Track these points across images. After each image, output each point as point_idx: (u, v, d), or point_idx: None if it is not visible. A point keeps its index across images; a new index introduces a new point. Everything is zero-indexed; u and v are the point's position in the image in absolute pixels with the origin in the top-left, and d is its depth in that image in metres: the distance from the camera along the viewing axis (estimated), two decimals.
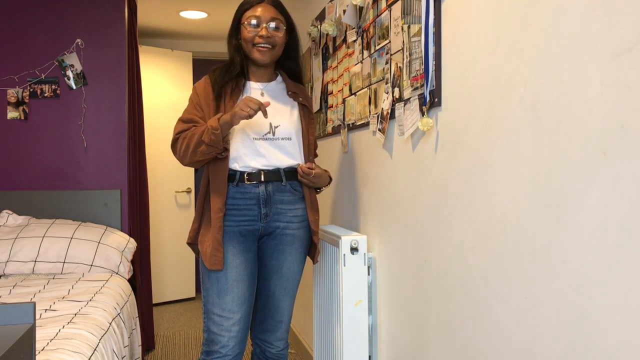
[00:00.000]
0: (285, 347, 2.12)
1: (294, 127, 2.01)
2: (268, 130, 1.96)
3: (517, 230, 1.22)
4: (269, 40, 1.97)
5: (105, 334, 1.96)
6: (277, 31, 1.98)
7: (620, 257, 0.93)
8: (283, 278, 2.02)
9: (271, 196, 1.96)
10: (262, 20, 1.97)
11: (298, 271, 2.05)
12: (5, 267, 2.75)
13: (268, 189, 1.96)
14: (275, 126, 1.97)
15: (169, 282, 4.94)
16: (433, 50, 1.57)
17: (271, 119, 1.97)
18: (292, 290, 2.05)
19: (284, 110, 2.02)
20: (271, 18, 1.98)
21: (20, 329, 0.85)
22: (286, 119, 2.00)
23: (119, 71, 3.31)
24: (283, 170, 1.98)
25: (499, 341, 1.29)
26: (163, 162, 4.89)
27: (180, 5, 4.21)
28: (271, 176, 1.96)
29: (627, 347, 0.92)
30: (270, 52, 1.98)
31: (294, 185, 2.01)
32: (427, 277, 1.67)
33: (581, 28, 1.02)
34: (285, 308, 2.06)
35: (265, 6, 2.00)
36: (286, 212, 1.99)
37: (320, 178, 2.02)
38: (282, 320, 2.06)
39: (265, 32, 1.96)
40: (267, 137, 1.96)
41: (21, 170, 3.23)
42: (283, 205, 1.99)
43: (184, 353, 3.54)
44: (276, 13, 2.01)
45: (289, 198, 2.00)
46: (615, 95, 0.94)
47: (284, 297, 2.04)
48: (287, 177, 1.99)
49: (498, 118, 1.29)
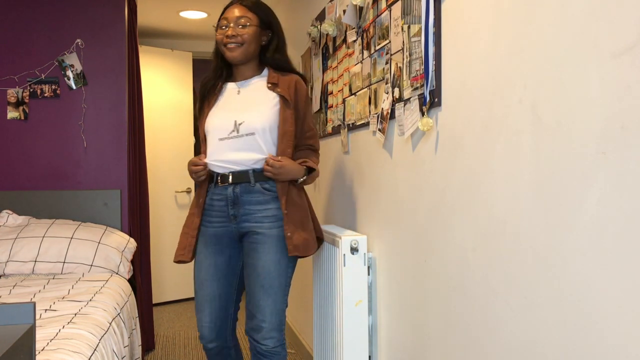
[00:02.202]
0: (277, 345, 2.07)
1: (262, 121, 2.00)
2: (232, 129, 2.02)
3: (517, 230, 1.22)
4: (236, 39, 2.04)
5: (105, 334, 1.96)
6: (244, 28, 2.05)
7: (620, 257, 0.93)
8: (260, 277, 2.01)
9: (239, 197, 2.01)
10: (229, 20, 2.06)
11: (275, 270, 2.01)
12: (5, 267, 2.75)
13: (236, 191, 2.02)
14: (239, 123, 2.01)
15: (169, 282, 4.94)
16: (433, 50, 1.57)
17: (236, 117, 2.02)
18: (271, 289, 2.01)
19: (254, 105, 2.05)
20: (237, 17, 2.06)
21: (20, 329, 0.85)
22: (252, 114, 2.02)
23: (119, 71, 3.31)
24: (252, 170, 2.01)
25: (499, 341, 1.29)
26: (163, 162, 4.89)
27: (180, 5, 4.21)
28: (240, 177, 2.01)
29: (627, 347, 0.92)
30: (238, 49, 2.05)
31: (265, 185, 2.02)
32: (427, 277, 1.67)
33: (581, 28, 1.02)
34: (267, 308, 2.02)
35: (234, 7, 2.09)
36: (255, 212, 2.01)
37: (286, 170, 1.99)
38: (264, 319, 2.02)
39: (230, 32, 2.04)
40: (232, 135, 2.02)
41: (21, 170, 3.23)
42: (252, 206, 2.02)
43: (184, 353, 3.54)
44: (245, 11, 2.07)
45: (258, 199, 2.01)
46: (615, 95, 0.94)
47: (263, 296, 2.01)
48: (256, 178, 2.01)
49: (498, 118, 1.29)
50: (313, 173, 2.11)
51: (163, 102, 4.90)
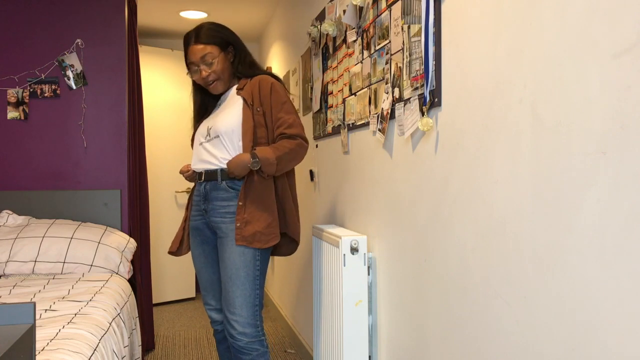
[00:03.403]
0: (252, 341, 2.09)
1: (225, 124, 2.15)
2: (207, 133, 2.22)
3: (517, 230, 1.22)
4: (211, 76, 2.19)
5: (105, 334, 1.96)
6: (211, 65, 2.18)
7: (620, 257, 0.93)
8: (227, 269, 2.12)
9: (208, 193, 2.19)
10: (196, 62, 2.18)
11: (240, 261, 2.09)
12: (5, 267, 2.75)
13: (206, 188, 2.20)
14: (209, 128, 2.20)
15: (169, 282, 4.94)
16: (433, 50, 1.57)
17: (209, 124, 2.22)
18: (238, 280, 2.09)
19: (223, 112, 2.21)
20: (200, 57, 2.17)
21: (20, 329, 0.85)
22: (218, 118, 2.18)
23: (119, 71, 3.31)
24: (220, 169, 2.15)
25: (499, 341, 1.29)
26: (163, 162, 4.89)
27: (180, 5, 4.21)
28: (209, 175, 2.18)
29: (627, 347, 0.92)
30: (218, 82, 2.22)
31: (231, 183, 2.15)
32: (427, 277, 1.67)
33: (581, 28, 1.02)
34: (236, 299, 2.08)
35: (193, 47, 2.18)
36: (219, 208, 2.16)
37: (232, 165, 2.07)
38: (235, 311, 2.09)
39: (203, 74, 2.18)
40: (207, 138, 2.21)
41: (21, 170, 3.23)
42: (217, 202, 2.17)
43: (184, 353, 3.54)
44: (203, 48, 2.16)
45: (223, 195, 2.16)
46: (615, 95, 0.94)
47: (232, 287, 2.10)
48: (222, 176, 2.16)
49: (498, 118, 1.29)
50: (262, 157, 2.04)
51: (163, 102, 4.90)
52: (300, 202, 3.47)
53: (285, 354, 3.48)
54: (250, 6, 4.28)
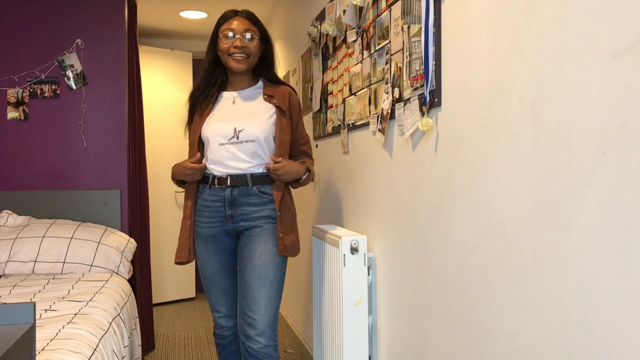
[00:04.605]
0: (268, 345, 2.07)
1: (261, 129, 2.11)
2: (232, 135, 2.12)
3: (517, 230, 1.22)
4: (244, 50, 2.15)
5: (105, 334, 1.96)
6: (251, 41, 2.16)
7: (620, 257, 0.93)
8: (256, 267, 2.08)
9: (236, 199, 2.12)
10: (237, 31, 2.15)
11: (271, 262, 2.09)
12: (5, 267, 2.75)
13: (233, 193, 2.12)
14: (239, 130, 2.12)
15: (169, 282, 4.94)
16: (433, 50, 1.57)
17: (236, 124, 2.12)
18: (267, 280, 2.07)
19: (252, 114, 2.15)
20: (245, 29, 2.16)
21: (20, 329, 0.85)
22: (252, 122, 2.12)
23: (119, 71, 3.31)
24: (250, 174, 2.12)
25: (499, 341, 1.29)
26: (163, 162, 4.89)
27: (180, 5, 4.21)
28: (238, 180, 2.12)
29: (627, 347, 0.92)
30: (245, 60, 2.16)
31: (262, 188, 2.13)
32: (427, 277, 1.67)
33: (581, 28, 1.02)
34: (262, 299, 2.07)
35: (239, 19, 2.18)
36: (250, 213, 2.12)
37: (287, 170, 2.10)
38: (258, 311, 2.06)
39: (239, 43, 2.14)
40: (232, 140, 2.12)
41: (21, 170, 3.23)
42: (248, 207, 2.13)
43: (184, 353, 3.54)
44: (249, 25, 2.18)
45: (254, 201, 2.13)
46: (615, 95, 0.94)
47: (259, 286, 2.07)
48: (253, 181, 2.12)
49: (498, 118, 1.29)
50: (309, 174, 2.22)
51: (163, 102, 4.90)
52: (300, 202, 3.47)
53: (285, 354, 3.48)
54: (250, 6, 4.28)
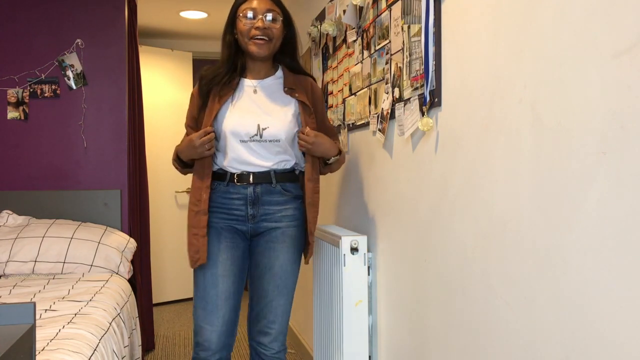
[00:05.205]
0: (281, 350, 2.05)
1: (285, 129, 1.94)
2: (255, 132, 1.92)
3: (517, 230, 1.22)
4: (266, 32, 1.92)
5: (105, 334, 1.96)
6: (274, 23, 1.93)
7: (620, 256, 0.93)
8: (276, 277, 1.97)
9: (259, 198, 1.96)
10: (258, 12, 1.92)
11: (292, 271, 1.99)
12: (5, 267, 2.75)
13: (256, 191, 1.96)
14: (263, 128, 1.93)
15: (169, 282, 4.94)
16: (433, 50, 1.57)
17: (259, 121, 1.93)
18: (285, 289, 1.98)
19: (275, 110, 1.96)
20: (267, 9, 1.92)
21: (20, 329, 0.85)
22: (276, 120, 1.94)
23: (119, 71, 3.31)
24: (274, 171, 1.96)
25: (499, 341, 1.29)
26: (163, 162, 4.89)
27: (180, 5, 4.21)
28: (261, 178, 1.95)
29: (627, 347, 0.92)
30: (267, 44, 1.93)
31: (285, 186, 1.99)
32: (427, 277, 1.66)
33: (581, 28, 1.02)
34: (279, 308, 1.99)
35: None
36: (275, 212, 1.98)
37: (319, 142, 1.95)
38: (275, 320, 1.99)
39: (261, 24, 1.90)
40: (255, 138, 1.93)
41: (21, 170, 3.23)
42: (272, 206, 1.98)
43: (184, 353, 3.54)
44: (272, 5, 1.94)
45: (278, 199, 1.98)
46: (615, 95, 0.94)
47: (277, 296, 1.98)
48: (277, 178, 1.97)
49: (498, 118, 1.29)
50: (340, 156, 2.08)
51: (163, 102, 4.90)
52: None
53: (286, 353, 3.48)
54: None
